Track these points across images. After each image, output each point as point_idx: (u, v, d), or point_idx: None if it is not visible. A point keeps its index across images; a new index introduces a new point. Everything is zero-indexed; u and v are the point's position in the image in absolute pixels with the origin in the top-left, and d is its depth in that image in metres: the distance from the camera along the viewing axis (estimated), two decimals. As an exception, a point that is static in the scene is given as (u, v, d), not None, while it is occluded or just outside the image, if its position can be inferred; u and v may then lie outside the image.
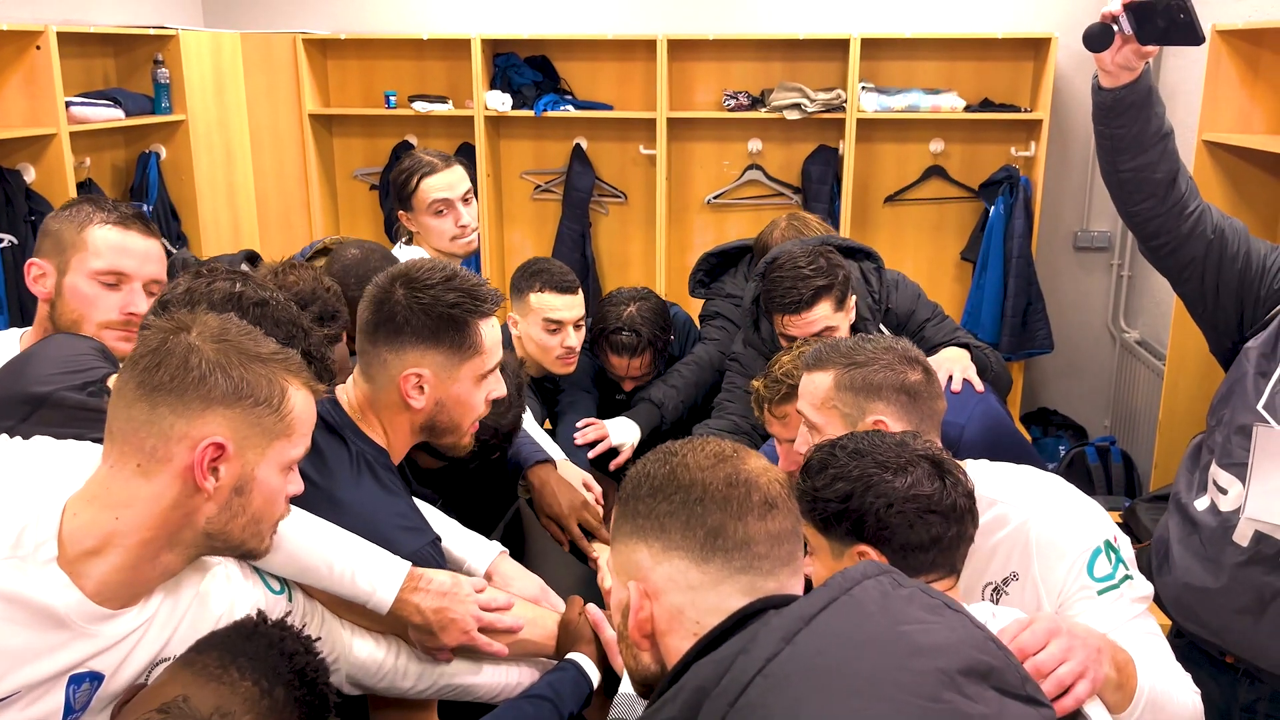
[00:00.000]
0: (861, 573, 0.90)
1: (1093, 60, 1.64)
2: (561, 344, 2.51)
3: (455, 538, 1.70)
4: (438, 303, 1.50)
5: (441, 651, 1.49)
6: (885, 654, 0.82)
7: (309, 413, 1.21)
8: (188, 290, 1.39)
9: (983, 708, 0.82)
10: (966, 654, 0.84)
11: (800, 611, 0.85)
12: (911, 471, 1.28)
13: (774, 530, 0.97)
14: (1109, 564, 1.42)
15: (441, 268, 1.56)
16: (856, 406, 1.59)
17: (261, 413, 1.15)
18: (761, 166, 4.53)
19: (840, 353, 1.64)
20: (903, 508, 1.25)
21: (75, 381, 1.41)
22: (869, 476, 1.27)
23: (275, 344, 1.21)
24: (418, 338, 1.51)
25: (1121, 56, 1.58)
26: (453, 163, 2.50)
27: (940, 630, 0.86)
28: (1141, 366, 4.15)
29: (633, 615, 0.97)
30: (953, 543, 1.28)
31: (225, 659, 1.12)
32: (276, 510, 1.21)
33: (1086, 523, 1.46)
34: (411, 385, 1.53)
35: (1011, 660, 0.88)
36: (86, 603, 1.09)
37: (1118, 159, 1.68)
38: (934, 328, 2.34)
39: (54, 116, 3.32)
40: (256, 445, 1.15)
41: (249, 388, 1.14)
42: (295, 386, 1.19)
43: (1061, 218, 4.45)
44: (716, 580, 0.95)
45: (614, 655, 1.55)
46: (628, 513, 1.01)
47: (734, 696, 0.80)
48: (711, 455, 1.00)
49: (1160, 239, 1.72)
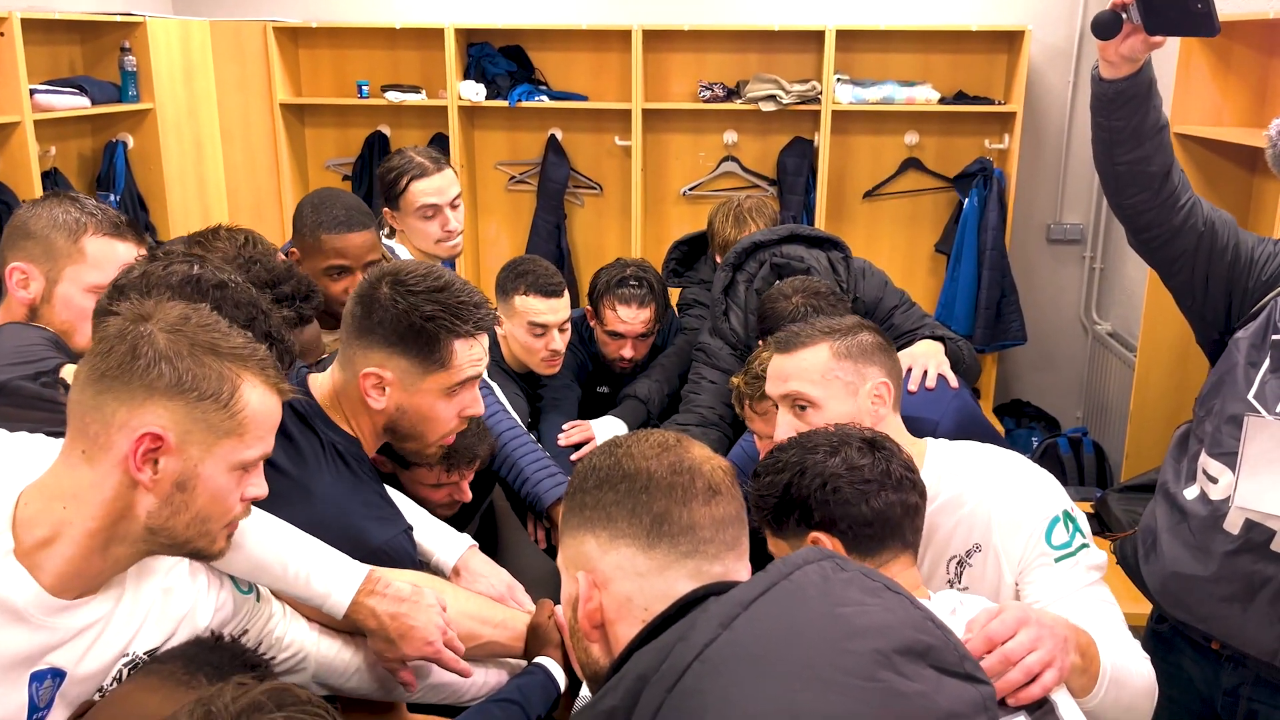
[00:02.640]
0: (803, 558, 0.90)
1: (1064, 55, 1.64)
2: (546, 347, 2.50)
3: (425, 529, 1.68)
4: (413, 311, 1.47)
5: (403, 669, 1.45)
6: (822, 636, 0.83)
7: (268, 413, 1.15)
8: (144, 274, 1.35)
9: (919, 685, 0.82)
10: (903, 634, 0.85)
11: (739, 597, 0.85)
12: (843, 450, 1.29)
13: (718, 515, 0.98)
14: (1066, 533, 1.48)
15: (436, 277, 1.51)
16: (857, 373, 1.62)
17: (207, 408, 1.10)
18: (737, 158, 4.52)
19: (819, 329, 1.67)
20: (837, 484, 1.27)
21: (27, 371, 1.38)
22: (804, 461, 1.29)
23: (242, 339, 1.16)
24: (385, 340, 1.48)
25: (1127, 46, 1.57)
26: (443, 165, 2.46)
27: (877, 611, 0.86)
28: (1113, 358, 4.18)
29: (582, 605, 0.98)
30: (902, 515, 1.28)
31: (191, 667, 1.11)
32: (226, 511, 1.15)
33: (1044, 494, 1.52)
34: (371, 384, 1.50)
35: (951, 639, 0.89)
36: (44, 595, 1.07)
37: (1114, 151, 1.68)
38: (902, 315, 2.34)
39: (18, 104, 3.26)
40: (201, 441, 1.11)
41: (194, 380, 1.09)
42: (253, 384, 1.14)
43: (1034, 210, 4.48)
44: (663, 566, 0.96)
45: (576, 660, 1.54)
46: (575, 505, 1.02)
47: (671, 682, 0.81)
48: (656, 445, 1.01)
49: (1152, 232, 1.72)
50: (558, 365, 2.55)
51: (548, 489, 2.02)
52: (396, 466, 1.84)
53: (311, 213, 2.18)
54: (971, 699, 0.85)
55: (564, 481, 2.04)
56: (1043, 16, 4.21)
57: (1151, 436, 3.42)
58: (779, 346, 1.69)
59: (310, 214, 2.17)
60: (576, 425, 2.51)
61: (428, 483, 1.84)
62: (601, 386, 2.81)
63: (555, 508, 2.01)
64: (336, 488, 1.48)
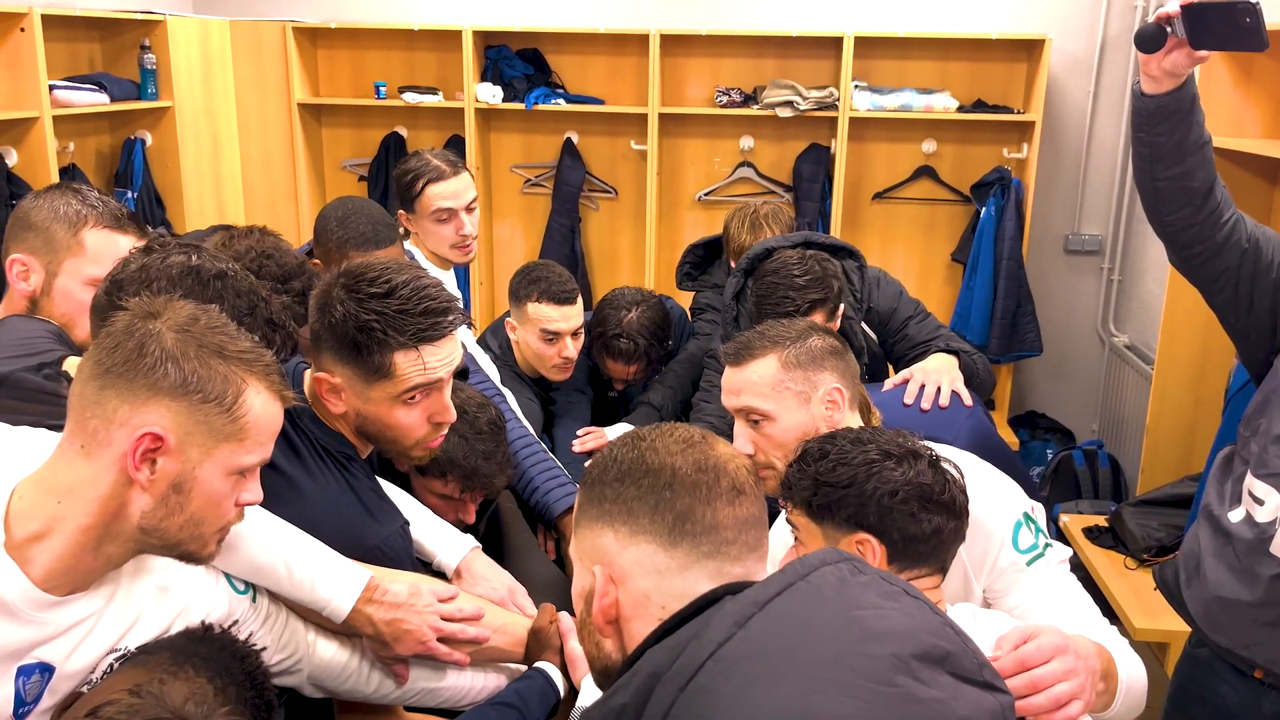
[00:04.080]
0: (820, 559, 0.89)
1: (1085, 64, 1.61)
2: (559, 354, 2.48)
3: (426, 530, 1.66)
4: (349, 320, 1.40)
5: (397, 663, 1.45)
6: (837, 638, 0.81)
7: (269, 419, 1.14)
8: (141, 267, 1.33)
9: (936, 692, 0.80)
10: (921, 639, 0.83)
11: (754, 596, 0.84)
12: (914, 462, 1.27)
13: (742, 516, 0.96)
14: (1031, 534, 1.47)
15: (385, 281, 1.42)
16: (807, 381, 1.60)
17: (210, 410, 1.09)
18: (753, 164, 4.50)
19: (768, 338, 1.65)
20: (907, 495, 1.25)
21: (30, 363, 1.37)
22: (873, 464, 1.27)
23: (249, 342, 1.15)
24: (330, 346, 1.45)
25: (1170, 61, 1.53)
26: (460, 169, 2.44)
27: (895, 615, 0.85)
28: (1130, 371, 4.14)
29: (597, 600, 0.96)
30: (949, 538, 1.28)
31: (179, 658, 1.10)
32: (220, 515, 1.14)
33: (1004, 499, 1.50)
34: (325, 389, 1.47)
35: (970, 646, 0.87)
36: (34, 590, 1.06)
37: (1155, 167, 1.64)
38: (917, 325, 2.31)
39: (37, 100, 3.28)
40: (201, 444, 1.09)
41: (199, 382, 1.08)
42: (257, 390, 1.12)
43: (1052, 220, 4.44)
44: (684, 565, 0.94)
45: (574, 668, 1.53)
46: (593, 497, 0.99)
47: (684, 681, 0.79)
48: (680, 440, 0.99)
49: (1194, 249, 1.69)
50: (569, 372, 2.54)
51: (557, 499, 2.00)
52: (413, 471, 1.82)
53: (338, 227, 2.16)
54: (990, 708, 0.84)
55: (574, 491, 2.00)
56: (1063, 25, 4.18)
57: (1168, 450, 3.38)
58: (729, 359, 1.67)
59: (336, 229, 2.16)
60: (591, 432, 2.50)
61: (439, 493, 1.82)
62: (614, 391, 2.80)
63: (564, 518, 1.98)
64: (329, 486, 1.47)
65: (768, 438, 1.61)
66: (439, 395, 1.50)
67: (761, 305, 2.10)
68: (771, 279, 2.10)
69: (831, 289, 2.10)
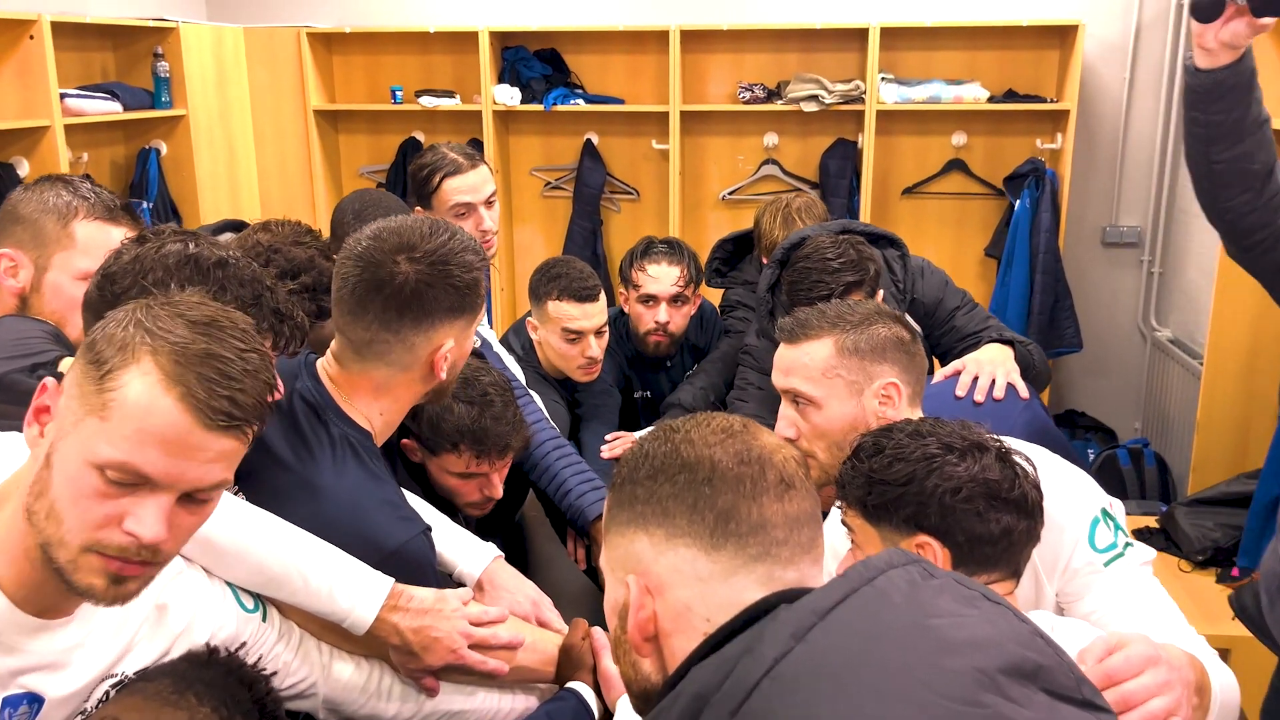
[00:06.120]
0: (886, 561, 0.78)
1: (1120, 50, 1.51)
2: (582, 354, 2.38)
3: (447, 538, 1.56)
4: (464, 269, 1.36)
5: (426, 677, 1.35)
6: (911, 651, 0.71)
7: (144, 414, 0.90)
8: (135, 258, 1.23)
9: (1030, 713, 0.69)
10: (1009, 650, 0.72)
11: (814, 605, 0.73)
12: (978, 456, 1.16)
13: (792, 512, 0.84)
14: (1109, 532, 1.34)
15: (434, 228, 1.37)
16: (862, 371, 1.49)
17: (89, 374, 0.92)
18: (778, 161, 4.40)
19: (829, 318, 1.53)
20: (971, 493, 1.13)
21: (24, 365, 1.29)
22: (932, 459, 1.15)
23: (217, 335, 0.95)
24: (447, 311, 1.36)
25: (1229, 31, 1.43)
26: (478, 162, 2.35)
27: (976, 623, 0.74)
28: (1175, 366, 3.99)
29: (632, 614, 0.84)
30: (1021, 539, 1.16)
31: (180, 685, 1.00)
32: (84, 521, 0.91)
33: (1079, 493, 1.37)
34: (441, 361, 1.39)
35: (1064, 658, 0.75)
36: (14, 611, 0.95)
37: (1211, 149, 1.54)
38: (965, 316, 2.19)
39: (48, 108, 3.23)
40: (71, 411, 0.92)
41: (97, 344, 0.93)
42: (144, 372, 0.91)
43: (1089, 212, 4.30)
44: (729, 570, 0.82)
45: (609, 688, 1.41)
46: (624, 498, 0.88)
47: (736, 703, 0.69)
48: (719, 430, 0.88)
49: (1255, 236, 1.58)
50: (595, 373, 2.43)
51: (591, 502, 1.88)
52: (426, 454, 1.72)
53: (354, 220, 2.08)
54: None
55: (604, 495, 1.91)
56: (1096, 10, 4.04)
57: (1220, 447, 3.24)
58: (785, 335, 1.56)
59: (354, 222, 2.08)
60: (620, 437, 2.38)
61: (456, 471, 1.71)
62: (643, 391, 2.69)
63: (599, 524, 1.87)
64: (348, 484, 1.36)
65: (812, 424, 1.50)
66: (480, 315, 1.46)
67: (794, 291, 1.99)
68: (804, 264, 1.99)
69: (867, 271, 1.98)
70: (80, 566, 0.92)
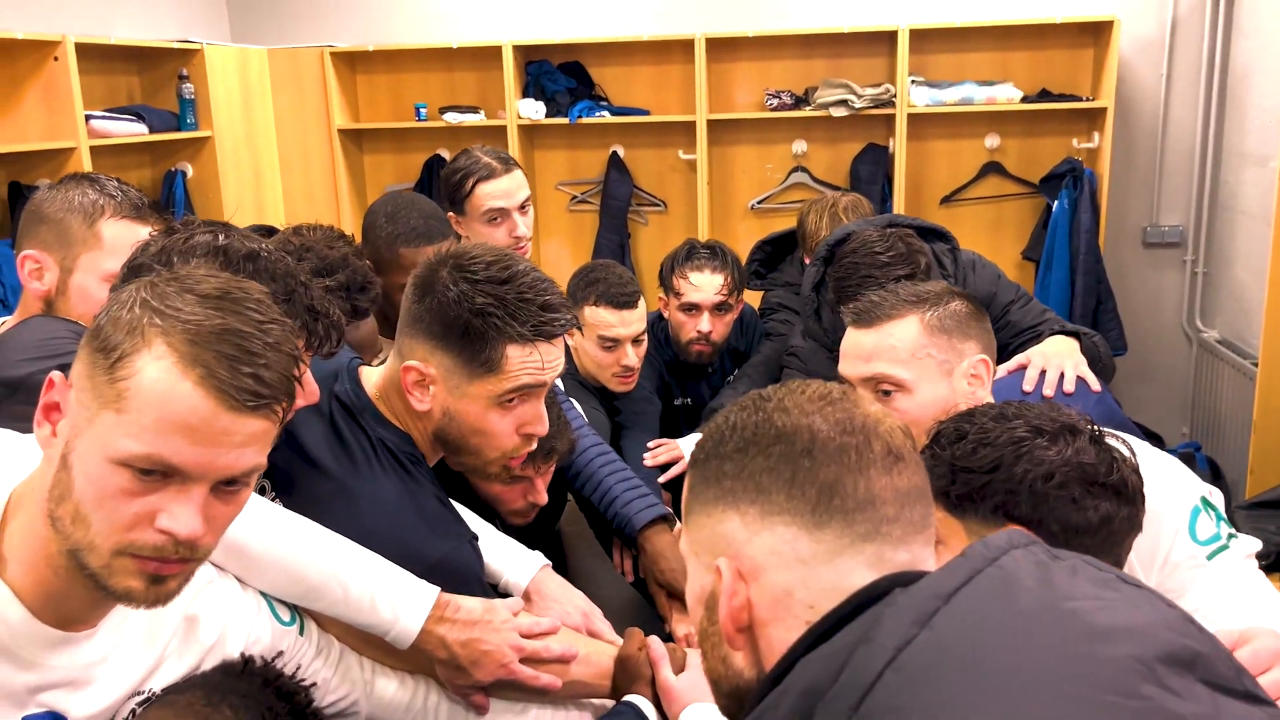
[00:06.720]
0: (1008, 541, 0.70)
1: (1156, 45, 1.43)
2: (618, 362, 2.30)
3: (492, 546, 1.48)
4: (463, 301, 1.25)
5: (475, 693, 1.27)
6: (1055, 638, 0.63)
7: (167, 400, 0.83)
8: (162, 249, 1.17)
9: (1193, 706, 0.61)
10: (1164, 637, 0.64)
11: (935, 588, 0.66)
12: (1071, 439, 1.07)
13: (903, 487, 0.76)
14: (1211, 522, 1.26)
15: (504, 265, 1.28)
16: (952, 349, 1.42)
17: (98, 363, 0.85)
18: (807, 169, 4.33)
19: (902, 297, 1.46)
20: (1065, 478, 1.04)
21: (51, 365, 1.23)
22: (1021, 442, 1.07)
23: (240, 310, 0.88)
24: (431, 331, 1.27)
25: None
26: (512, 166, 2.28)
27: (1121, 608, 0.66)
28: (1225, 367, 3.87)
29: (724, 602, 0.76)
30: (1122, 528, 1.07)
31: (214, 697, 0.93)
32: (111, 523, 0.85)
33: (1177, 481, 1.29)
34: (413, 380, 1.29)
35: (1220, 647, 0.67)
36: (33, 622, 0.89)
37: None
38: (1020, 310, 2.10)
39: (73, 130, 3.21)
40: (84, 405, 0.85)
41: (103, 330, 0.86)
42: (157, 356, 0.84)
43: (1128, 212, 4.20)
44: (834, 551, 0.74)
45: (669, 701, 1.32)
46: (710, 475, 0.80)
47: (857, 698, 0.61)
48: (816, 397, 0.79)
49: None
50: (632, 382, 2.36)
51: (638, 510, 1.79)
52: None
53: (387, 223, 2.02)
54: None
55: (656, 503, 1.81)
56: (1131, 5, 3.96)
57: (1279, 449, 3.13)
58: (857, 320, 1.48)
59: (386, 224, 2.02)
60: (663, 444, 2.30)
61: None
62: (683, 399, 2.61)
63: (647, 532, 1.79)
64: (388, 492, 1.29)
65: (901, 413, 1.41)
66: (536, 402, 1.32)
67: (842, 288, 1.91)
68: (852, 259, 1.91)
69: (918, 264, 1.90)
70: (115, 570, 0.86)
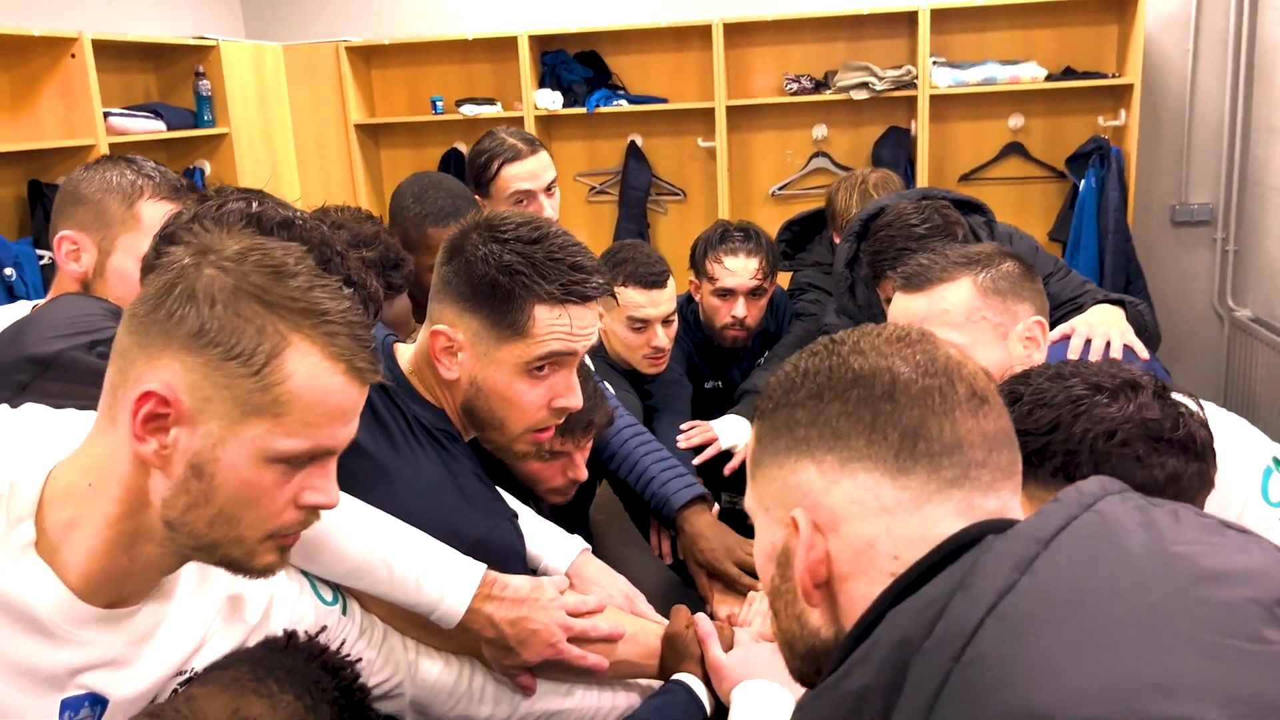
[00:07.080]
0: (1101, 488, 0.66)
1: (1181, 20, 1.38)
2: (648, 343, 2.25)
3: (531, 530, 1.44)
4: (490, 259, 1.21)
5: (522, 673, 1.24)
6: (1168, 581, 0.59)
7: (320, 395, 0.86)
8: (194, 217, 1.14)
9: None
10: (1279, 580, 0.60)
11: (1032, 533, 0.62)
12: (1133, 395, 1.02)
13: (989, 430, 0.72)
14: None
15: (535, 226, 1.25)
16: (1006, 312, 1.39)
17: (233, 371, 0.84)
18: (828, 153, 4.28)
19: (953, 260, 1.42)
20: (1128, 435, 1.00)
21: (82, 341, 1.21)
22: (1079, 400, 1.02)
23: (326, 292, 0.89)
24: (459, 293, 1.24)
25: None
26: (538, 148, 2.25)
27: (1231, 551, 0.62)
28: (1259, 345, 3.80)
29: (801, 556, 0.71)
30: (1191, 484, 1.02)
31: (259, 672, 0.89)
32: (265, 515, 0.88)
33: (1247, 441, 1.25)
34: (440, 345, 1.25)
35: None
36: (72, 600, 0.86)
37: None
38: (1059, 282, 2.05)
39: (92, 127, 3.19)
40: (221, 414, 0.84)
41: (221, 333, 0.83)
42: (304, 352, 0.86)
43: (1156, 191, 4.13)
44: (920, 498, 0.70)
45: (719, 678, 1.29)
46: (780, 424, 0.75)
47: (957, 648, 0.58)
48: (894, 339, 0.75)
49: None
50: (663, 364, 2.32)
51: (676, 489, 1.75)
52: None
53: (414, 203, 2.00)
54: None
55: (694, 483, 1.77)
56: (1156, -20, 3.90)
57: (1320, 425, 3.06)
58: (906, 284, 1.44)
59: (413, 204, 2.00)
60: (696, 426, 2.26)
61: None
62: (714, 381, 2.57)
63: (686, 512, 1.75)
64: (427, 471, 1.26)
65: None
66: (568, 372, 1.28)
67: (876, 262, 1.86)
68: (887, 231, 1.87)
69: (955, 235, 1.85)
70: (259, 553, 0.91)
